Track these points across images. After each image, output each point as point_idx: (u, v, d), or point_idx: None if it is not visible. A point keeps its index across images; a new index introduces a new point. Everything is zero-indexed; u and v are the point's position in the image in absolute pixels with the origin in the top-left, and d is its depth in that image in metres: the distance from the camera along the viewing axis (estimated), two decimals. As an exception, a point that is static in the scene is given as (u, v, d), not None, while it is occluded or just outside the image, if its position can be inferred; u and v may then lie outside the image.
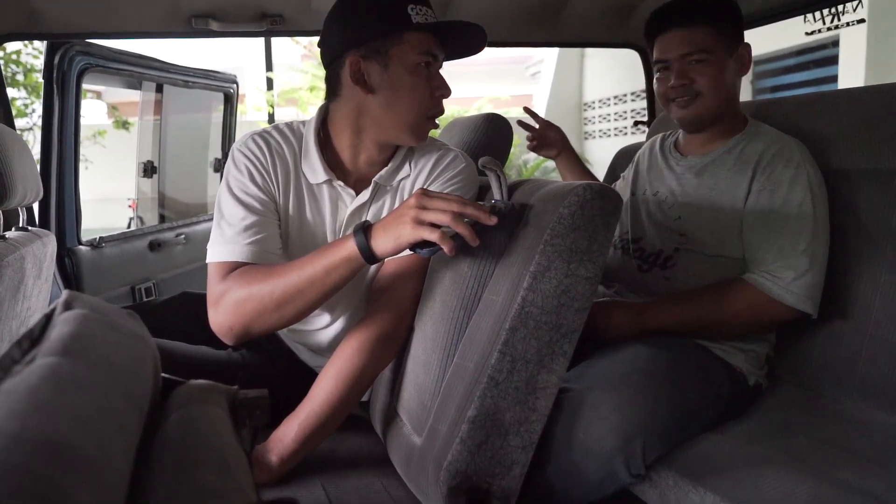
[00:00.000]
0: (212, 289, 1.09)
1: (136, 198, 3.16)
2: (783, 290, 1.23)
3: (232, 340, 1.09)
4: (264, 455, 1.06)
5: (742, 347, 1.30)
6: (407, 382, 1.12)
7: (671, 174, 1.48)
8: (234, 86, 2.99)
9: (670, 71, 1.38)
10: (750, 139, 1.38)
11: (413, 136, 1.15)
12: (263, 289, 1.03)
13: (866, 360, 1.27)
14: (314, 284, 1.01)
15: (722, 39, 1.35)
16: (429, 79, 1.12)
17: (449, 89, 1.14)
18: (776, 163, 1.30)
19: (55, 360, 0.36)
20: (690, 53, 1.34)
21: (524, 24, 2.06)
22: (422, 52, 1.10)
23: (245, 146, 1.16)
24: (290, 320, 1.06)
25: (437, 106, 1.15)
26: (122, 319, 0.50)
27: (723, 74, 1.36)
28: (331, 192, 1.19)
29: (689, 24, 1.35)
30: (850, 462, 1.05)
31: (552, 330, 0.91)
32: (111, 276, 2.24)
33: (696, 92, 1.36)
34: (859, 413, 1.25)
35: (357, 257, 0.98)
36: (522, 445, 0.94)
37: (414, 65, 1.10)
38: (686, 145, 1.50)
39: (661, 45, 1.39)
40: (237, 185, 1.14)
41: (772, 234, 1.26)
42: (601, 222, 0.91)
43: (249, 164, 1.15)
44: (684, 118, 1.41)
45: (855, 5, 1.65)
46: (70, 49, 1.98)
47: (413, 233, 0.93)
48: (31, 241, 1.43)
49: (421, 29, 1.09)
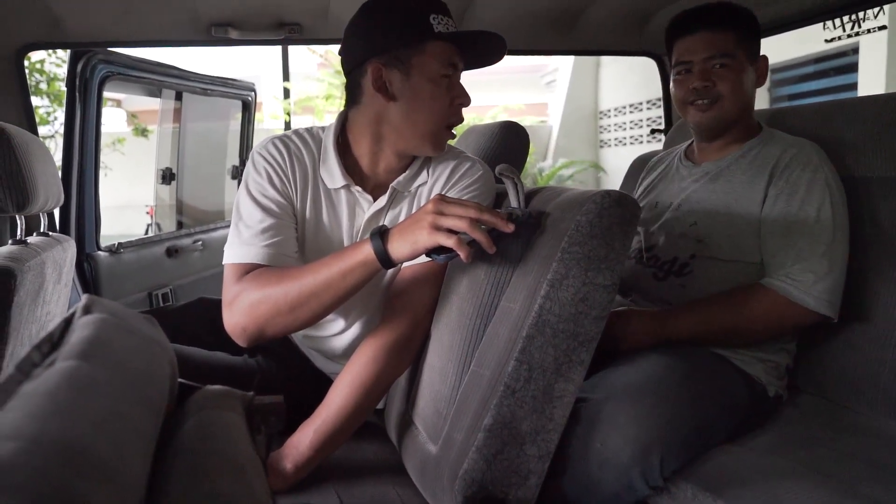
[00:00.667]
0: (227, 290, 1.09)
1: (154, 204, 3.19)
2: (803, 294, 1.21)
3: (245, 342, 1.09)
4: (279, 462, 1.06)
5: (761, 357, 1.28)
6: (423, 390, 1.11)
7: (685, 182, 1.47)
8: (252, 94, 3.02)
9: (692, 73, 1.38)
10: (765, 143, 1.37)
11: (431, 147, 1.16)
12: (278, 291, 1.03)
13: (889, 372, 1.24)
14: (329, 287, 1.01)
15: (743, 47, 1.35)
16: (449, 88, 1.12)
17: (469, 98, 1.15)
18: (793, 166, 1.29)
19: (74, 364, 0.36)
20: (714, 56, 1.34)
21: (541, 33, 2.06)
22: (443, 63, 1.10)
23: (265, 150, 1.17)
24: (304, 323, 1.06)
25: (457, 115, 1.15)
26: (140, 324, 0.50)
27: (743, 81, 1.35)
28: (348, 197, 1.20)
29: (714, 27, 1.35)
30: (873, 476, 1.02)
31: (570, 338, 0.90)
32: (129, 282, 2.26)
33: (717, 96, 1.35)
34: (882, 425, 1.22)
35: (373, 261, 0.98)
36: (539, 455, 0.92)
37: (437, 75, 1.10)
38: (699, 154, 1.49)
39: (685, 47, 1.39)
40: (256, 188, 1.15)
41: (790, 238, 1.25)
42: (619, 230, 0.90)
43: (269, 167, 1.16)
44: (702, 122, 1.40)
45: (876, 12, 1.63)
46: (92, 57, 2.01)
47: (430, 238, 0.93)
48: (52, 247, 1.45)
49: (443, 39, 1.10)
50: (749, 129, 1.42)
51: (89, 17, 1.69)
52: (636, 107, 8.94)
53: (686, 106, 1.41)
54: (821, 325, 1.28)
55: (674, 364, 1.17)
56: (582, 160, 9.24)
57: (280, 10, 1.76)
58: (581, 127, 9.76)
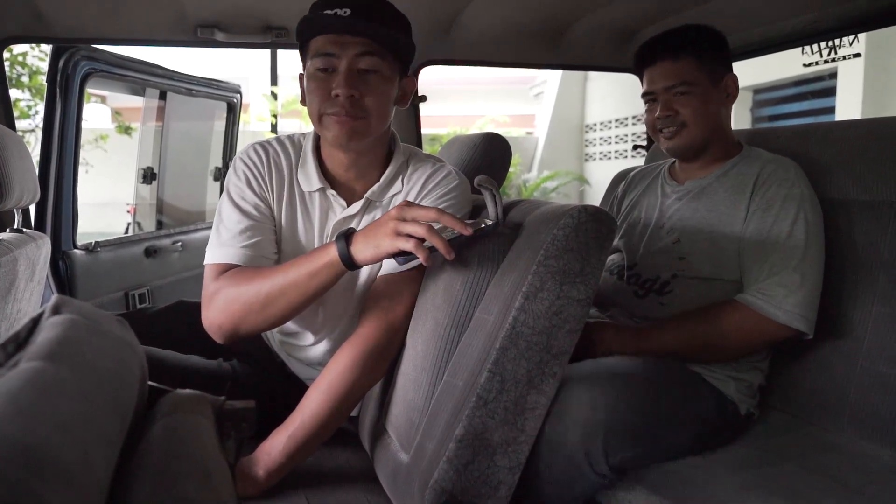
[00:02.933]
0: (205, 288, 1.13)
1: (135, 203, 3.16)
2: (774, 308, 1.23)
3: (222, 339, 1.12)
4: (251, 467, 1.06)
5: (734, 376, 1.30)
6: (396, 399, 1.11)
7: (669, 200, 1.49)
8: (238, 95, 3.00)
9: (656, 103, 1.42)
10: (745, 161, 1.40)
11: (324, 134, 1.15)
12: (250, 289, 1.07)
13: (857, 391, 1.27)
14: (297, 287, 1.05)
15: (705, 71, 1.37)
16: (326, 81, 1.10)
17: (345, 88, 1.08)
18: (770, 182, 1.31)
19: (39, 365, 0.36)
20: (674, 86, 1.38)
21: (528, 46, 2.08)
22: (316, 56, 1.11)
23: (245, 155, 1.22)
24: (275, 321, 1.10)
25: (336, 105, 1.10)
26: (110, 326, 0.50)
27: (706, 105, 1.38)
28: (323, 200, 1.22)
29: (673, 56, 1.38)
30: (839, 492, 1.04)
31: (543, 351, 0.91)
32: (105, 281, 2.23)
33: (681, 122, 1.39)
34: (850, 443, 1.24)
35: (338, 263, 1.02)
36: (509, 466, 0.93)
37: (312, 71, 1.12)
38: (681, 172, 1.51)
39: (649, 77, 1.43)
40: (236, 192, 1.19)
41: (763, 253, 1.27)
42: (595, 245, 0.91)
43: (247, 171, 1.20)
44: (671, 148, 1.44)
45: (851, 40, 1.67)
46: (75, 53, 1.99)
47: (391, 243, 0.96)
48: (25, 244, 1.43)
49: (317, 33, 1.10)
50: (728, 147, 1.44)
51: (73, 13, 1.68)
52: (622, 122, 9.03)
53: (656, 132, 1.45)
54: (794, 344, 1.30)
55: (637, 364, 1.20)
56: (567, 172, 9.30)
57: (267, 14, 1.76)
58: (567, 140, 9.83)
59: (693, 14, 1.71)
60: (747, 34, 1.86)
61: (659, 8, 1.72)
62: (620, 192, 1.70)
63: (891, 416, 1.21)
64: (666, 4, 1.70)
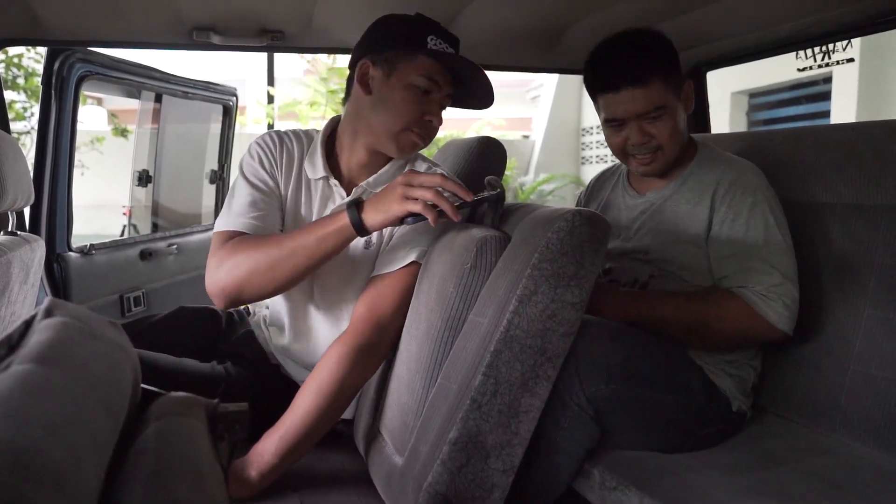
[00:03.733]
0: (213, 254, 1.16)
1: (131, 206, 3.15)
2: (768, 308, 1.23)
3: (224, 302, 1.15)
4: (244, 469, 1.06)
5: (729, 371, 1.30)
6: (390, 401, 1.11)
7: (633, 213, 1.47)
8: (234, 98, 3.00)
9: (624, 128, 1.33)
10: (702, 167, 1.38)
11: (395, 146, 1.22)
12: (258, 252, 1.11)
13: (849, 394, 1.27)
14: (305, 251, 1.09)
15: (671, 89, 1.32)
16: (422, 102, 1.19)
17: (440, 119, 1.22)
18: (734, 191, 1.30)
19: (30, 368, 0.36)
20: (647, 112, 1.29)
21: (524, 50, 2.09)
22: (423, 75, 1.18)
23: (261, 139, 1.31)
24: (279, 285, 1.14)
25: (423, 128, 1.21)
26: (103, 329, 0.50)
27: (678, 123, 1.34)
28: (325, 189, 1.28)
29: (640, 82, 1.27)
30: (834, 496, 1.05)
31: (537, 354, 0.91)
32: (100, 284, 2.22)
33: (657, 146, 1.33)
34: (842, 446, 1.25)
35: (348, 228, 1.07)
36: (503, 469, 0.93)
37: (412, 84, 1.18)
38: (641, 182, 1.49)
39: (612, 104, 1.32)
40: (249, 170, 1.27)
41: (741, 261, 1.27)
42: (589, 249, 0.92)
43: (261, 152, 1.28)
44: (647, 172, 1.39)
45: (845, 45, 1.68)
46: (70, 56, 1.98)
47: (401, 207, 1.02)
48: (20, 246, 1.42)
49: (431, 55, 1.17)
50: (685, 151, 1.40)
51: (69, 15, 1.67)
52: (617, 125, 9.04)
53: (626, 157, 1.38)
54: (785, 347, 1.31)
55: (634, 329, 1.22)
56: (563, 175, 9.31)
57: (263, 18, 1.75)
58: (564, 143, 9.84)
59: (688, 18, 1.71)
60: (742, 39, 1.87)
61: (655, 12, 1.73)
62: (584, 198, 1.71)
63: (882, 419, 1.21)
64: (662, 8, 1.71)
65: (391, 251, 1.20)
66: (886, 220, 1.27)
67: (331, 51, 2.77)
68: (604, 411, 1.13)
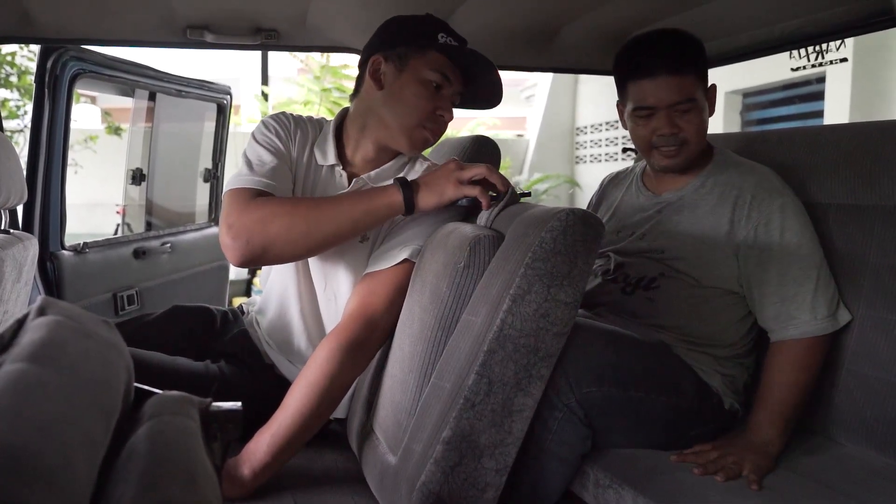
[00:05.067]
0: (234, 208, 1.12)
1: (125, 204, 3.14)
2: (823, 323, 1.25)
3: (242, 258, 1.10)
4: (237, 468, 1.06)
5: (720, 370, 1.31)
6: (384, 400, 1.12)
7: (648, 213, 1.47)
8: (228, 97, 2.99)
9: (653, 118, 1.34)
10: (721, 171, 1.39)
11: (406, 142, 1.24)
12: (296, 210, 1.11)
13: (842, 394, 1.28)
14: (350, 218, 1.11)
15: (701, 86, 1.35)
16: (434, 97, 1.21)
17: (451, 113, 1.24)
18: (761, 195, 1.31)
19: (22, 367, 0.36)
20: (679, 102, 1.31)
21: (519, 49, 2.09)
22: (436, 70, 1.20)
23: (276, 115, 1.32)
24: (312, 247, 1.14)
25: (434, 123, 1.23)
26: (96, 327, 0.50)
27: (704, 120, 1.36)
28: (329, 176, 1.29)
29: (677, 71, 1.30)
30: (825, 494, 1.05)
31: (530, 353, 0.91)
32: (94, 283, 2.22)
33: (683, 140, 1.34)
34: (835, 446, 1.26)
35: (398, 205, 1.11)
36: (497, 468, 0.93)
37: (425, 79, 1.20)
38: (657, 182, 1.50)
39: (646, 91, 1.33)
40: (263, 139, 1.25)
41: (781, 267, 1.27)
42: (583, 248, 0.92)
43: (277, 126, 1.29)
44: (669, 167, 1.39)
45: (838, 45, 1.69)
46: (63, 54, 1.97)
47: (457, 190, 1.09)
48: (12, 244, 1.42)
49: (442, 50, 1.19)
50: (703, 154, 1.42)
51: (61, 13, 1.66)
52: (612, 125, 9.05)
53: (651, 150, 1.39)
54: None
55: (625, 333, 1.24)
56: (557, 175, 9.32)
57: (257, 16, 1.75)
58: (558, 142, 9.85)
59: (682, 18, 1.72)
60: (736, 38, 1.87)
61: (650, 12, 1.73)
62: (595, 199, 1.71)
63: (875, 419, 1.22)
64: (657, 8, 1.71)
65: (384, 248, 1.21)
66: (881, 221, 1.28)
67: (325, 49, 2.77)
68: (595, 414, 1.13)
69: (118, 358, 0.51)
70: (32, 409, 0.33)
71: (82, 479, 0.35)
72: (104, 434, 0.43)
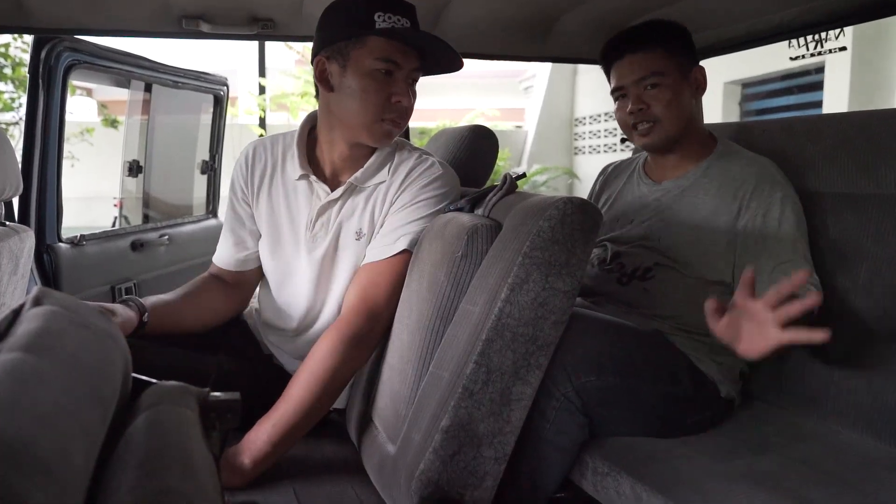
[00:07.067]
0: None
1: (122, 197, 3.13)
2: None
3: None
4: (237, 457, 1.06)
5: (715, 359, 1.31)
6: (382, 390, 1.12)
7: (647, 200, 1.48)
8: (225, 88, 2.98)
9: (627, 98, 1.40)
10: (723, 160, 1.40)
11: (369, 137, 1.20)
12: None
13: (838, 382, 1.28)
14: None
15: (674, 62, 1.37)
16: (385, 86, 1.15)
17: (409, 97, 1.17)
18: (763, 186, 1.31)
19: (18, 356, 0.36)
20: (645, 78, 1.36)
21: (515, 39, 2.08)
22: (379, 58, 1.13)
23: (240, 157, 1.34)
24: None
25: (393, 111, 1.17)
26: (93, 317, 0.50)
27: (678, 98, 1.37)
28: (307, 187, 1.26)
29: (640, 48, 1.36)
30: (822, 482, 1.06)
31: (528, 342, 0.91)
32: (91, 275, 2.21)
33: (654, 118, 1.37)
34: (831, 433, 1.26)
35: None
36: (495, 457, 0.94)
37: (370, 69, 1.14)
38: (657, 170, 1.51)
39: (617, 73, 1.41)
40: (231, 194, 1.34)
41: (774, 252, 1.27)
42: (580, 237, 0.92)
43: (236, 173, 1.33)
44: (648, 145, 1.43)
45: (837, 34, 1.68)
46: (58, 45, 1.96)
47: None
48: (8, 237, 1.41)
49: (380, 34, 1.12)
50: (703, 142, 1.43)
51: (55, 3, 1.65)
52: (611, 115, 9.02)
53: (629, 130, 1.43)
54: None
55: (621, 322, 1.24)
56: (556, 166, 9.31)
57: (253, 5, 1.74)
58: (556, 133, 9.83)
59: (680, 8, 1.71)
60: (734, 28, 1.87)
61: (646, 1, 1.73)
62: (598, 187, 1.71)
63: (871, 407, 1.22)
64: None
65: (382, 239, 1.20)
66: (878, 210, 1.28)
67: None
68: (592, 403, 1.13)
69: (115, 348, 0.51)
70: (29, 399, 0.33)
71: (79, 468, 0.35)
72: (101, 424, 0.43)
